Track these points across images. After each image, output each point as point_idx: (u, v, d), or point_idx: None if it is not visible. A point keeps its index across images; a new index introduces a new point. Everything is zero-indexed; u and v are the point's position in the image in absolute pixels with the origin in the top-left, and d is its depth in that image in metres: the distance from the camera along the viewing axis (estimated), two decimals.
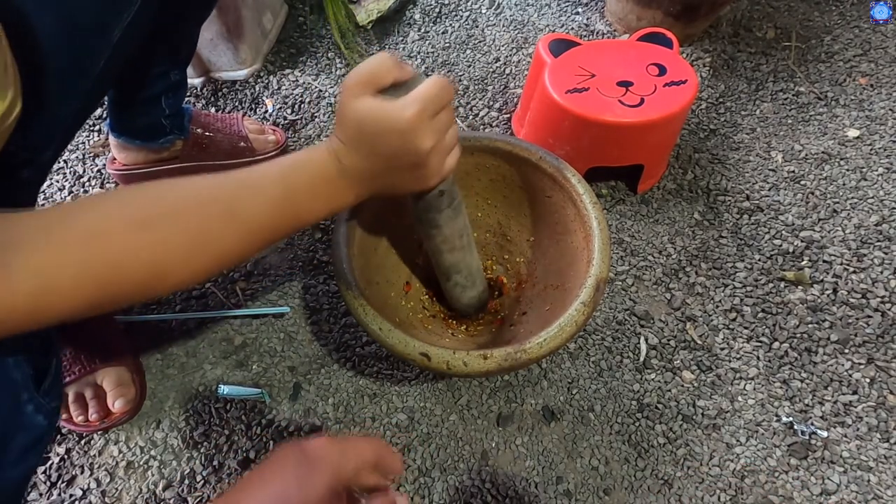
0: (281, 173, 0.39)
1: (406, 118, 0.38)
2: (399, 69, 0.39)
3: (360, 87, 0.39)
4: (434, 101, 0.39)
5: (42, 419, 0.38)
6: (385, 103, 0.38)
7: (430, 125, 0.40)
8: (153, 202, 0.34)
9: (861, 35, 1.00)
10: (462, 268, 0.56)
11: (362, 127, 0.39)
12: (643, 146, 0.75)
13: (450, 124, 0.42)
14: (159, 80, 0.68)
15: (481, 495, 0.61)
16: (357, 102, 0.39)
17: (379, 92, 0.39)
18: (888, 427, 0.63)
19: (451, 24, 1.06)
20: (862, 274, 0.73)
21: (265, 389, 0.67)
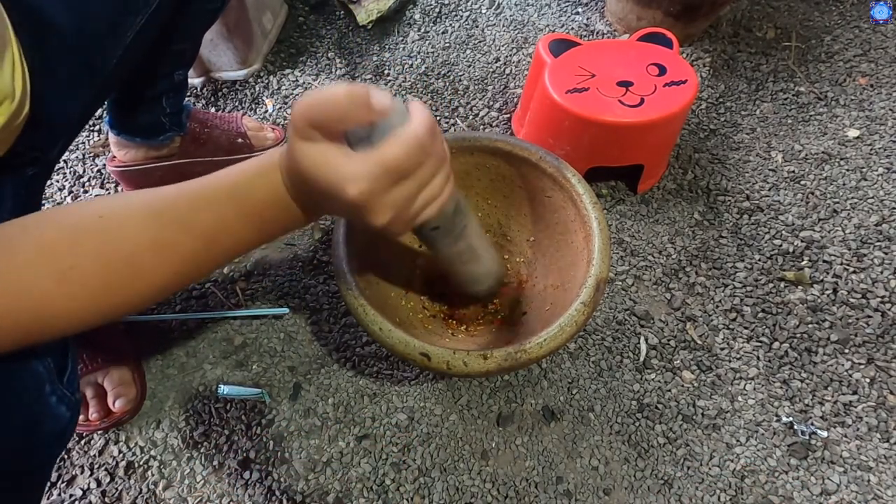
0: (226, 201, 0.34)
1: (351, 196, 0.31)
2: (358, 113, 0.30)
3: (307, 126, 0.31)
4: (393, 173, 0.31)
5: (65, 410, 0.38)
6: (332, 162, 0.31)
7: (385, 200, 0.32)
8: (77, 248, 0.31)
9: (861, 35, 1.00)
10: (463, 274, 0.55)
11: (305, 180, 0.33)
12: (643, 146, 0.75)
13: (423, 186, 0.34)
14: (163, 80, 0.68)
15: (481, 495, 0.61)
16: (303, 146, 0.31)
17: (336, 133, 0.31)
18: (888, 427, 0.63)
19: (451, 24, 1.06)
20: (862, 274, 0.73)
21: (265, 389, 0.67)
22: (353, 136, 0.31)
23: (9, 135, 0.35)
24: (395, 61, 1.01)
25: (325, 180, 0.31)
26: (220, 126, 0.81)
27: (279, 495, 0.61)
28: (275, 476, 0.63)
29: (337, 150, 0.31)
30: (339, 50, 1.03)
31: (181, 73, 0.70)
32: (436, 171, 0.35)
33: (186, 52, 0.68)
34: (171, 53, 0.65)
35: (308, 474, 0.63)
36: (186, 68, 0.71)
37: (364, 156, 0.31)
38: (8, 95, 0.34)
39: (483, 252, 0.54)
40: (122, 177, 0.80)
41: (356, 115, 0.30)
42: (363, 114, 0.30)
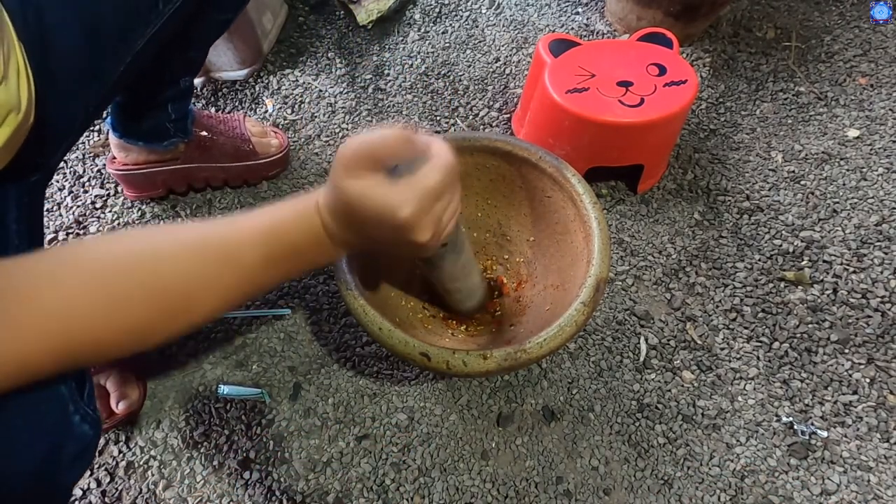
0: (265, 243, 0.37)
1: (403, 217, 0.35)
2: (406, 148, 0.35)
3: (356, 163, 0.34)
4: (434, 193, 0.36)
5: (88, 428, 0.39)
6: (380, 192, 0.35)
7: (429, 218, 0.37)
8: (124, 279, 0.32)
9: (861, 35, 1.00)
10: (461, 289, 0.57)
11: (354, 211, 0.36)
12: (643, 146, 0.75)
13: (449, 205, 0.39)
14: (169, 87, 0.68)
15: (481, 495, 0.61)
16: (350, 182, 0.35)
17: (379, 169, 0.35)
18: (888, 427, 0.63)
19: (451, 24, 1.06)
20: (862, 274, 0.73)
21: (265, 389, 0.67)
22: (389, 170, 0.36)
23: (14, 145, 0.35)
24: (395, 61, 1.01)
25: (375, 206, 0.35)
26: (225, 132, 0.80)
27: (279, 495, 0.61)
28: (275, 476, 0.63)
29: (383, 180, 0.35)
30: (339, 50, 1.03)
31: (187, 80, 0.70)
32: (455, 192, 0.40)
33: (194, 60, 0.69)
34: (179, 61, 0.65)
35: (308, 474, 0.63)
36: (193, 75, 0.71)
37: (408, 184, 0.35)
38: (14, 107, 0.34)
39: (475, 264, 0.57)
40: (124, 179, 0.80)
41: (404, 152, 0.35)
42: (410, 151, 0.35)
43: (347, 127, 0.92)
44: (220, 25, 0.65)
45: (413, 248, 0.39)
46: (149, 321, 0.33)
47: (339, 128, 0.92)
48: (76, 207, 0.84)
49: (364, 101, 0.96)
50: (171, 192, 0.83)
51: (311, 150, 0.90)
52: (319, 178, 0.86)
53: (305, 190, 0.85)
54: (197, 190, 0.84)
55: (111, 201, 0.85)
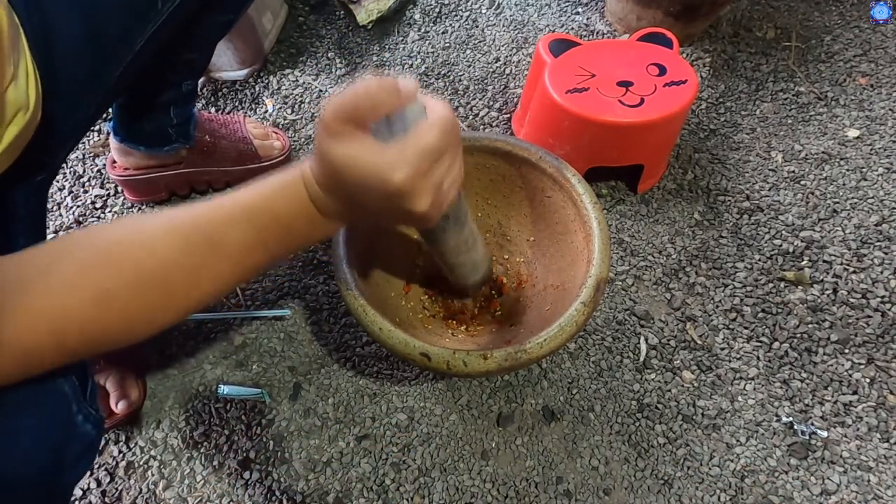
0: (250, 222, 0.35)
1: (397, 183, 0.31)
2: (390, 98, 0.30)
3: (338, 123, 0.31)
4: (430, 155, 0.32)
5: (91, 428, 0.39)
6: (371, 154, 0.31)
7: (426, 183, 0.33)
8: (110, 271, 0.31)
9: (861, 35, 1.00)
10: (466, 264, 0.55)
11: (342, 177, 0.33)
12: (643, 146, 0.75)
13: (452, 167, 0.35)
14: (171, 89, 0.68)
15: (481, 495, 0.61)
16: (335, 145, 0.31)
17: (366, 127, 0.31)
18: (888, 427, 0.63)
19: (451, 24, 1.06)
20: (862, 274, 0.73)
21: (265, 389, 0.67)
22: (377, 130, 0.31)
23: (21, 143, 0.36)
24: (395, 61, 1.01)
25: (364, 172, 0.31)
26: (227, 136, 0.80)
27: (279, 495, 0.61)
28: (275, 476, 0.63)
29: (371, 142, 0.31)
30: (339, 50, 1.03)
31: (190, 84, 0.70)
32: (457, 155, 0.36)
33: (196, 61, 0.68)
34: (181, 63, 0.65)
35: (308, 474, 0.63)
36: (196, 78, 0.71)
37: (400, 144, 0.31)
38: (23, 106, 0.34)
39: (478, 235, 0.54)
40: (126, 184, 0.80)
41: (389, 102, 0.30)
42: (395, 99, 0.30)
43: None
44: (222, 27, 0.65)
45: (411, 219, 0.35)
46: (137, 312, 0.32)
47: None
48: (76, 207, 0.84)
49: None
50: (173, 195, 0.83)
51: (312, 150, 0.90)
52: None
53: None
54: (199, 192, 0.84)
55: (111, 201, 0.85)
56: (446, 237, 0.48)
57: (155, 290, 0.33)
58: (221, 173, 0.81)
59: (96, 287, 0.30)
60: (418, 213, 0.34)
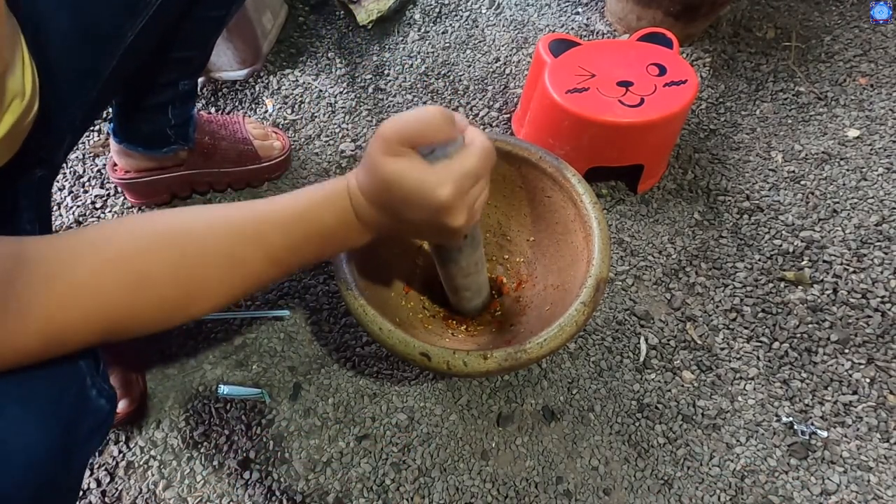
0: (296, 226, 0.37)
1: (441, 199, 0.35)
2: (448, 129, 0.34)
3: (397, 143, 0.34)
4: (471, 177, 0.36)
5: (104, 403, 0.39)
6: (420, 172, 0.34)
7: (464, 202, 0.37)
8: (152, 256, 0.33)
9: (861, 35, 1.00)
10: (472, 286, 0.56)
11: (391, 190, 0.36)
12: (643, 146, 0.75)
13: (483, 191, 0.39)
14: (168, 88, 0.67)
15: (481, 495, 0.61)
16: (389, 161, 0.35)
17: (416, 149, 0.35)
18: (888, 427, 0.63)
19: (451, 24, 1.06)
20: (862, 274, 0.73)
21: (265, 389, 0.67)
22: (424, 152, 0.35)
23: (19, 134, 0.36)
24: (395, 61, 1.01)
25: (413, 186, 0.35)
26: (227, 137, 0.80)
27: (279, 495, 0.61)
28: (275, 476, 0.63)
29: (422, 161, 0.35)
30: (339, 50, 1.03)
31: (187, 84, 0.69)
32: (489, 176, 0.40)
33: (192, 60, 0.67)
34: (175, 60, 0.64)
35: (308, 474, 0.63)
36: (192, 78, 0.70)
37: (446, 166, 0.35)
38: (18, 93, 0.34)
39: (484, 258, 0.56)
40: (127, 187, 0.80)
41: (446, 132, 0.34)
42: (451, 131, 0.34)
43: (347, 127, 0.92)
44: (214, 22, 0.64)
45: (444, 233, 0.39)
46: (173, 301, 0.34)
47: (339, 128, 0.92)
48: (76, 207, 0.84)
49: (364, 101, 0.96)
50: (174, 197, 0.83)
51: (312, 150, 0.90)
52: (319, 177, 0.86)
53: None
54: (200, 193, 0.84)
55: (111, 201, 0.85)
56: (461, 257, 0.50)
57: (194, 279, 0.34)
58: (222, 174, 0.81)
59: (137, 272, 0.32)
60: (454, 227, 0.37)
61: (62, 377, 0.35)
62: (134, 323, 0.33)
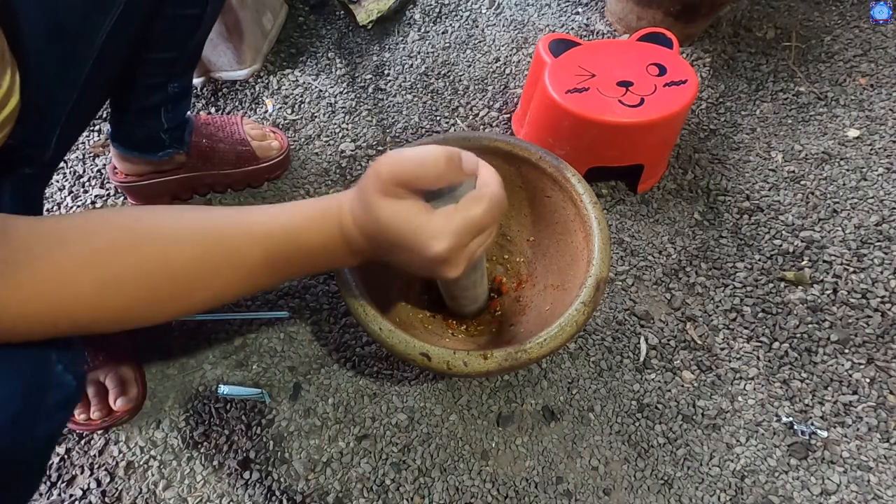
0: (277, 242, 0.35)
1: (437, 252, 0.32)
2: (451, 175, 0.31)
3: (394, 184, 0.32)
4: (474, 229, 0.33)
5: (71, 379, 0.39)
6: (417, 219, 0.32)
7: (463, 255, 0.34)
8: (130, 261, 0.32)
9: (861, 35, 1.00)
10: (469, 296, 0.56)
11: (383, 232, 0.34)
12: (643, 146, 0.75)
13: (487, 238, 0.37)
14: (156, 91, 0.66)
15: (481, 495, 0.61)
16: (385, 203, 0.32)
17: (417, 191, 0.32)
18: (888, 427, 0.63)
19: (451, 24, 1.06)
20: (862, 274, 0.73)
21: (265, 389, 0.67)
22: (427, 194, 0.32)
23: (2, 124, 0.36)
24: (395, 61, 1.01)
25: (408, 236, 0.32)
26: (225, 139, 0.79)
27: (279, 495, 0.61)
28: (275, 476, 0.63)
29: (421, 206, 0.32)
30: (339, 50, 1.03)
31: (176, 86, 0.67)
32: (497, 224, 0.37)
33: (176, 62, 0.65)
34: (156, 62, 0.62)
35: (308, 474, 0.63)
36: (180, 80, 0.68)
37: (447, 213, 0.32)
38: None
39: (485, 272, 0.56)
40: (128, 191, 0.80)
41: (448, 179, 0.31)
42: (456, 176, 0.32)
43: (347, 127, 0.92)
44: (190, 21, 0.61)
45: (436, 276, 0.37)
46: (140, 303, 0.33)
47: (339, 128, 0.92)
48: (76, 207, 0.84)
49: (364, 101, 0.96)
50: (175, 200, 0.83)
51: (312, 150, 0.90)
52: (319, 177, 0.86)
53: (305, 190, 0.85)
54: (201, 195, 0.84)
55: (111, 201, 0.85)
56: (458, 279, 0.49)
57: (161, 283, 0.33)
58: (222, 176, 0.81)
59: (104, 272, 0.31)
60: (448, 276, 0.35)
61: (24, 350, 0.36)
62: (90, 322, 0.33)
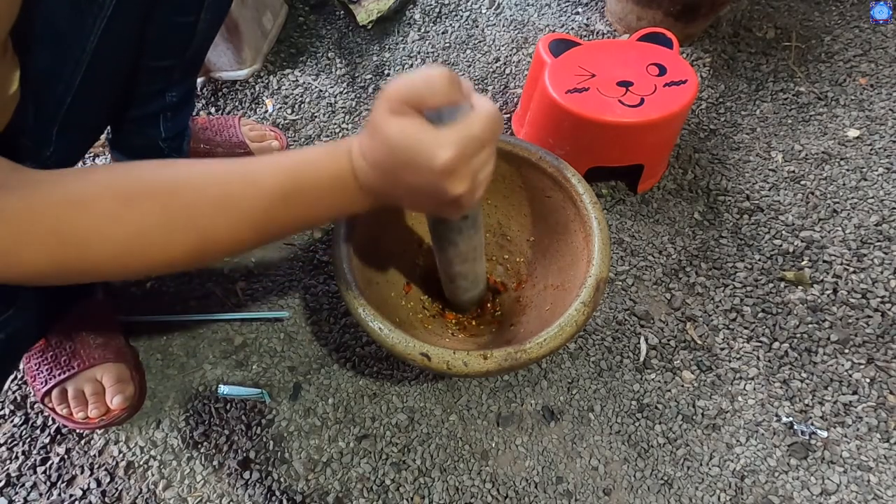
0: (288, 174, 0.37)
1: (443, 160, 0.33)
2: (454, 92, 0.33)
3: (401, 104, 0.33)
4: (476, 142, 0.34)
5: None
6: (422, 132, 0.33)
7: (467, 168, 0.35)
8: (143, 179, 0.34)
9: (861, 35, 1.00)
10: (469, 275, 0.55)
11: (392, 150, 0.35)
12: (643, 146, 0.75)
13: (488, 161, 0.38)
14: (153, 99, 0.64)
15: (481, 495, 0.61)
16: (392, 121, 0.34)
17: (422, 112, 0.34)
18: (888, 427, 0.63)
19: (451, 24, 1.06)
20: (862, 274, 0.73)
21: (265, 389, 0.67)
22: (429, 116, 0.34)
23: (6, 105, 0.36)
24: (395, 61, 1.01)
25: (415, 147, 0.34)
26: (223, 143, 0.79)
27: (279, 495, 0.61)
28: (275, 476, 0.63)
29: (426, 123, 0.34)
30: (339, 50, 1.03)
31: (174, 95, 0.65)
32: (495, 146, 0.38)
33: (173, 70, 0.62)
34: (151, 70, 0.60)
35: (308, 474, 0.63)
36: (178, 88, 0.65)
37: (451, 128, 0.34)
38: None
39: (483, 247, 0.55)
40: None
41: (451, 95, 0.33)
42: (456, 94, 0.33)
43: (347, 127, 0.92)
44: (184, 29, 0.59)
45: (444, 202, 0.37)
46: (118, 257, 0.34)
47: (339, 128, 0.92)
48: None
49: (364, 101, 0.96)
50: None
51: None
52: None
53: None
54: None
55: None
56: (461, 239, 0.48)
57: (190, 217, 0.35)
58: None
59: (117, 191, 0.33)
60: (454, 195, 0.36)
61: None
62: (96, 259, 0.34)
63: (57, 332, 0.65)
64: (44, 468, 0.64)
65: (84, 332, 0.65)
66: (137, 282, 0.77)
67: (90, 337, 0.65)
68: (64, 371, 0.63)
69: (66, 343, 0.64)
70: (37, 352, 0.65)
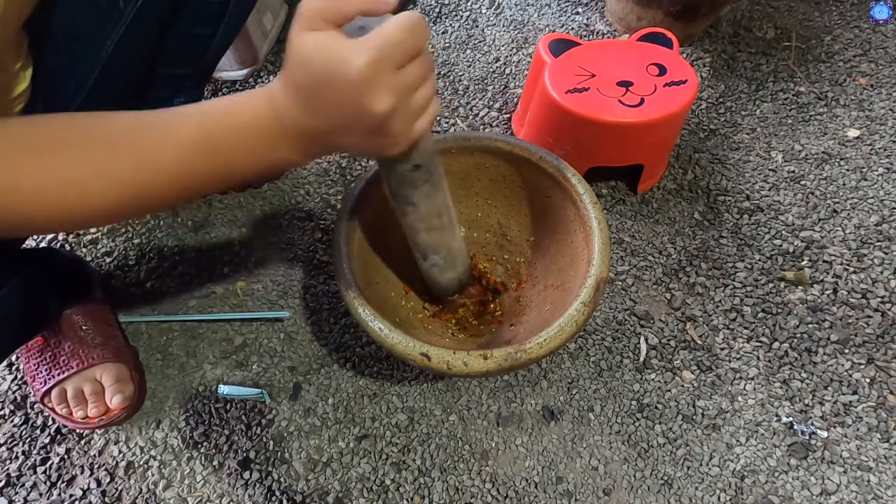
0: (200, 122, 0.35)
1: (357, 68, 0.30)
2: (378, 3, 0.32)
3: (315, 17, 0.31)
4: (398, 48, 0.31)
5: None
6: (338, 43, 0.31)
7: (390, 80, 0.32)
8: (55, 131, 0.33)
9: (861, 35, 1.00)
10: (440, 248, 0.53)
11: (307, 69, 0.32)
12: (643, 146, 0.75)
13: (421, 79, 0.34)
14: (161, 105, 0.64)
15: (481, 495, 0.61)
16: (308, 37, 0.32)
17: (340, 26, 0.32)
18: (888, 427, 0.63)
19: (451, 24, 1.06)
20: (862, 274, 0.73)
21: (265, 389, 0.67)
22: (348, 30, 0.32)
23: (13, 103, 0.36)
24: None
25: (330, 58, 0.31)
26: None
27: (279, 495, 0.61)
28: (275, 476, 0.63)
29: (341, 35, 0.32)
30: None
31: (182, 100, 0.65)
32: (428, 71, 0.35)
33: (185, 78, 0.64)
34: (164, 76, 0.61)
35: (308, 474, 0.63)
36: (188, 95, 0.66)
37: (366, 37, 0.31)
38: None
39: (457, 225, 0.53)
40: None
41: (373, 6, 0.32)
42: (379, 5, 0.32)
43: None
44: (201, 40, 0.60)
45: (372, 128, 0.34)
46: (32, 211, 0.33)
47: None
48: None
49: None
50: None
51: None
52: (319, 177, 0.86)
53: (305, 190, 0.85)
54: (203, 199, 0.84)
55: None
56: (417, 196, 0.45)
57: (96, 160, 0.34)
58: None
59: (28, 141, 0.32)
60: (377, 112, 0.32)
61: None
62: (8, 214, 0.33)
63: (56, 332, 0.65)
64: (44, 468, 0.64)
65: (83, 331, 0.65)
66: (137, 282, 0.77)
67: (89, 337, 0.65)
68: (63, 371, 0.63)
69: (65, 343, 0.64)
70: (36, 352, 0.65)
